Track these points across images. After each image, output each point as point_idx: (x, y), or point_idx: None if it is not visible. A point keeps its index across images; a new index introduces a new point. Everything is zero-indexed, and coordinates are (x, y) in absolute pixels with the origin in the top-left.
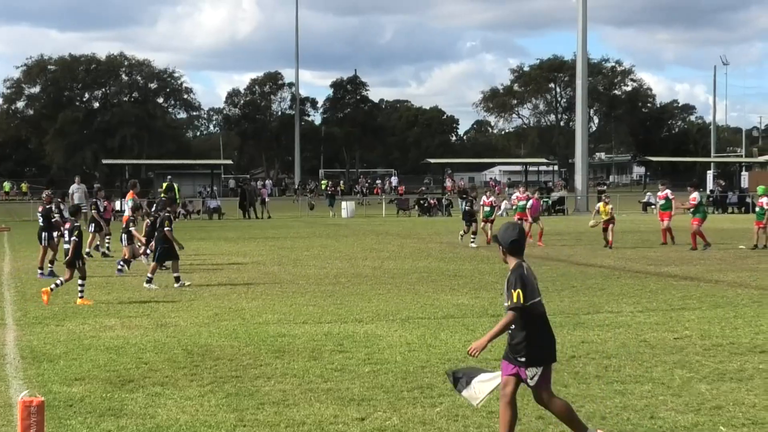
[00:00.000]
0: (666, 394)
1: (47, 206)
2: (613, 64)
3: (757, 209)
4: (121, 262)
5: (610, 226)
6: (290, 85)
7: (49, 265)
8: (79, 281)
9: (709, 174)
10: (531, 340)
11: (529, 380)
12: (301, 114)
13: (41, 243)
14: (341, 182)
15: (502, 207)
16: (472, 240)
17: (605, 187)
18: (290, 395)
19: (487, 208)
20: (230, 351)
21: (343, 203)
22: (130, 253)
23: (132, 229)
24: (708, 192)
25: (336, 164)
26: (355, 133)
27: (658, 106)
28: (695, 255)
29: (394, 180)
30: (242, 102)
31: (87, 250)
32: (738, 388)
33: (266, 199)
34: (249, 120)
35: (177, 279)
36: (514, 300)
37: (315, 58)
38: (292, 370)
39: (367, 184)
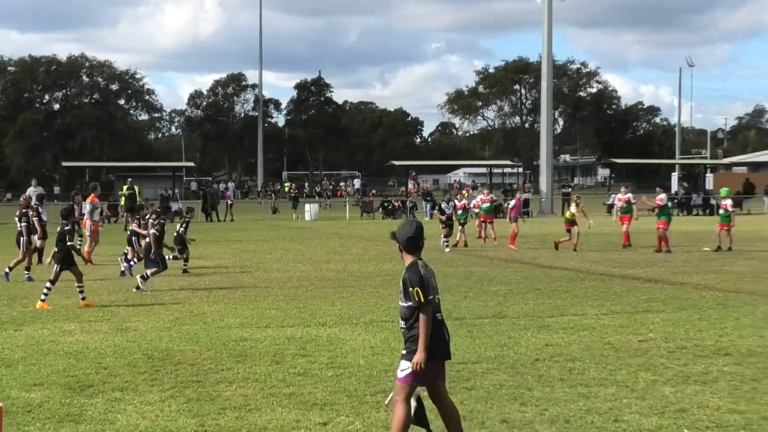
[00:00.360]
0: (630, 397)
1: (24, 210)
2: (579, 65)
3: (721, 211)
4: (128, 263)
5: (575, 228)
6: (253, 86)
7: (26, 271)
8: (77, 284)
9: (674, 176)
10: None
11: (399, 371)
12: (264, 116)
13: (19, 247)
14: (305, 184)
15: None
16: (445, 243)
17: (570, 189)
18: (252, 400)
19: (459, 212)
20: (191, 355)
21: (307, 206)
22: (134, 253)
23: (134, 226)
24: (672, 194)
25: (299, 166)
26: (318, 135)
27: (624, 107)
28: (660, 257)
29: (357, 182)
30: (205, 104)
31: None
32: (702, 391)
33: (230, 202)
34: (211, 122)
35: (144, 279)
36: (416, 298)
37: (279, 59)
38: (254, 375)
39: (330, 187)
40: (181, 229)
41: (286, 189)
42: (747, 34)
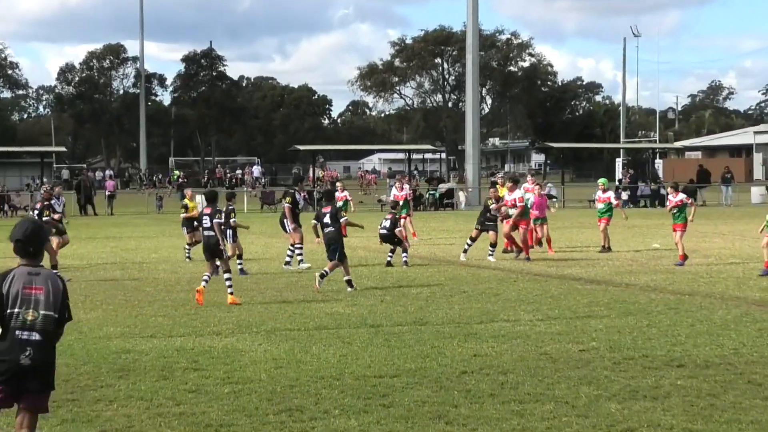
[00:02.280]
0: (570, 415)
1: (46, 203)
2: (509, 36)
3: (599, 206)
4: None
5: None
6: (134, 59)
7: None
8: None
9: (618, 162)
10: None
11: None
12: (147, 93)
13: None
14: (206, 173)
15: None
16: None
17: (500, 177)
18: (136, 421)
19: (400, 202)
20: (65, 370)
21: (198, 197)
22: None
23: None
24: (616, 183)
25: (189, 151)
26: (210, 115)
27: (560, 84)
28: (602, 256)
29: (256, 170)
30: (77, 79)
31: None
32: (653, 408)
33: (109, 193)
34: (85, 100)
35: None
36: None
37: (163, 27)
38: (138, 392)
39: (229, 175)
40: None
41: (174, 177)
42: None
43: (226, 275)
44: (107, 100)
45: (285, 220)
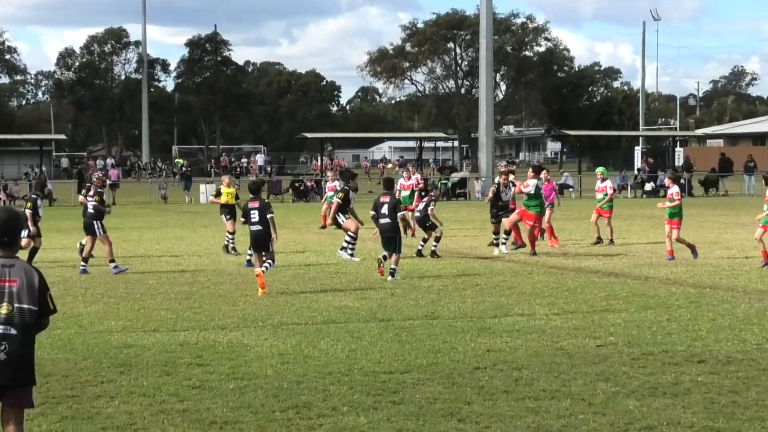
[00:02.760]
0: (587, 412)
1: (100, 190)
2: (524, 20)
3: (598, 195)
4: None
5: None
6: (136, 43)
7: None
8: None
9: (637, 150)
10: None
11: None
12: (149, 79)
13: (98, 233)
14: (212, 160)
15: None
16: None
17: (514, 166)
18: (138, 418)
19: (405, 193)
20: (65, 365)
21: (202, 186)
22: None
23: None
24: (635, 172)
25: (193, 139)
26: (215, 102)
27: (577, 69)
28: (620, 248)
29: (260, 158)
30: (77, 64)
31: None
32: (673, 405)
33: (111, 182)
34: (86, 86)
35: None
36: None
37: (166, 11)
38: (140, 388)
39: (234, 164)
40: (431, 208)
41: (178, 166)
42: None
43: (266, 264)
44: (108, 86)
45: (338, 215)
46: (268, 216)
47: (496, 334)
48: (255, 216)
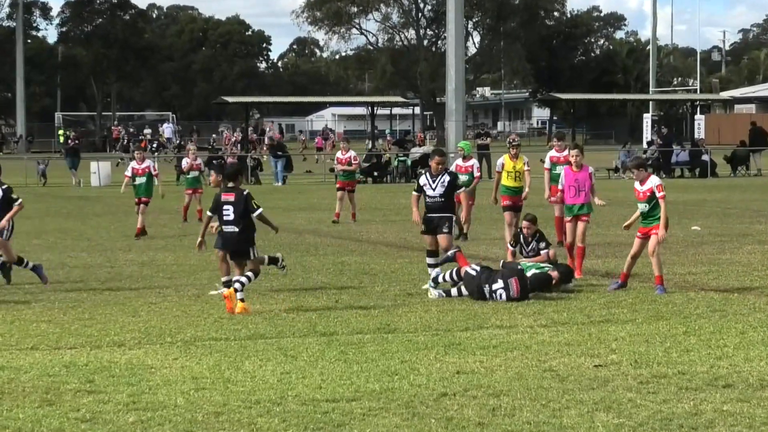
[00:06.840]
0: None
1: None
2: None
3: (463, 178)
4: None
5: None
6: None
7: None
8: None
9: (646, 118)
10: None
11: None
12: (26, 26)
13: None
14: (106, 131)
15: None
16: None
17: (489, 139)
18: None
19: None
20: None
21: (93, 164)
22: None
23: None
24: (644, 146)
25: (81, 104)
26: (109, 57)
27: (570, 16)
28: (625, 241)
29: (168, 129)
30: None
31: None
32: None
33: None
34: None
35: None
36: None
37: None
38: (15, 422)
39: (127, 136)
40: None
41: (61, 139)
42: None
43: (243, 278)
44: None
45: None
46: (255, 215)
47: (468, 352)
48: (229, 213)
